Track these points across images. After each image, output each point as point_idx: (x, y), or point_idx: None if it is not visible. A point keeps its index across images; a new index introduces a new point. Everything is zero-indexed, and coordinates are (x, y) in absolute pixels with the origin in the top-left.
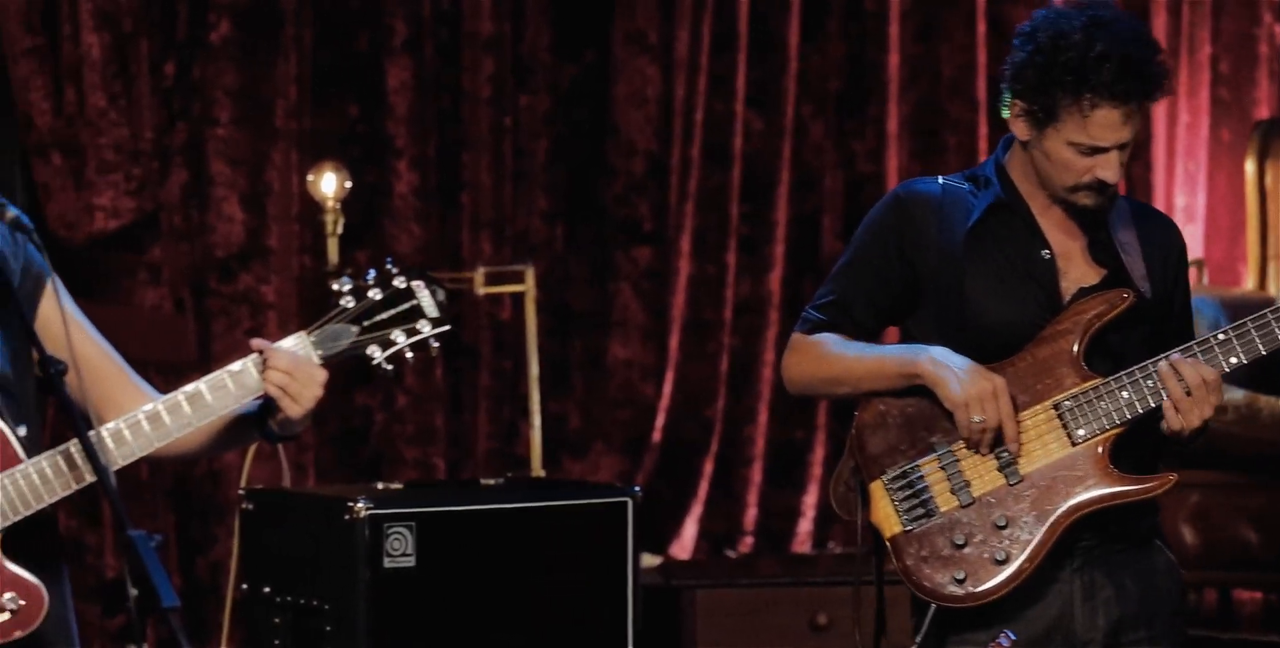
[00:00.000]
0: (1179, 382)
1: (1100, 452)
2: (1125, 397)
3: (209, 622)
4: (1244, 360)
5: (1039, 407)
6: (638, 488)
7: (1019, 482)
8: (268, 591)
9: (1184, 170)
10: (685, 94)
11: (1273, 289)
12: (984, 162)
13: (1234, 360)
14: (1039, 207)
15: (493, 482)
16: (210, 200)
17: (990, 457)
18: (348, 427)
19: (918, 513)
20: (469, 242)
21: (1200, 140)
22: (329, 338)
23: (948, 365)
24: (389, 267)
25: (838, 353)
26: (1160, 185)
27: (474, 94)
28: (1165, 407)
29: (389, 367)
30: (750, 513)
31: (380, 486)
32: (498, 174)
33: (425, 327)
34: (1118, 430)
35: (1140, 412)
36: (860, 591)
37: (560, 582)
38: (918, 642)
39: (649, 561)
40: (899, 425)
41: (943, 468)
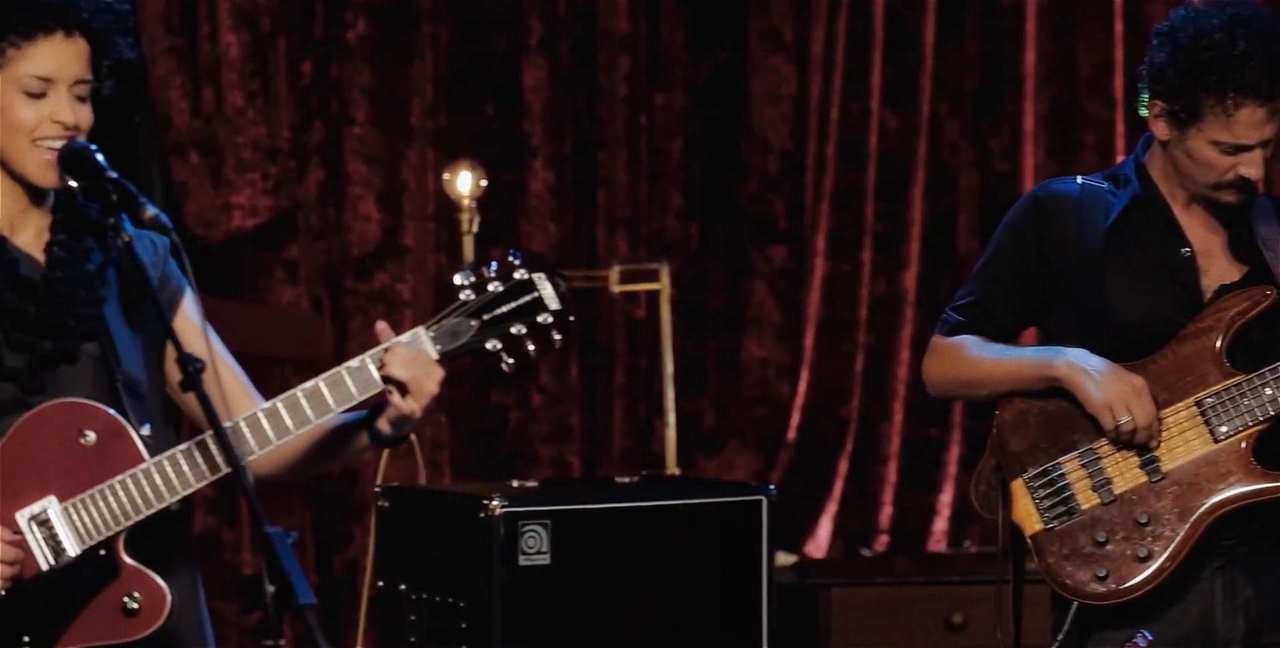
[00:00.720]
0: None
1: (1243, 448)
2: (1269, 394)
3: (345, 619)
4: None
5: (1181, 404)
6: (772, 486)
7: (1161, 479)
8: (403, 588)
9: None
10: (821, 92)
11: None
12: (1123, 161)
13: None
14: (1179, 204)
15: (627, 480)
16: (347, 199)
17: (1132, 454)
18: (483, 425)
19: (1059, 511)
20: (604, 240)
21: None
22: (448, 333)
23: (1085, 368)
24: (511, 259)
25: (976, 356)
26: None
27: (610, 92)
28: None
29: (510, 360)
30: (885, 511)
31: (515, 484)
32: (633, 172)
33: (546, 319)
34: (1261, 427)
35: None
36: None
37: (694, 580)
38: (1059, 640)
39: (784, 559)
40: (1040, 424)
41: (1084, 466)
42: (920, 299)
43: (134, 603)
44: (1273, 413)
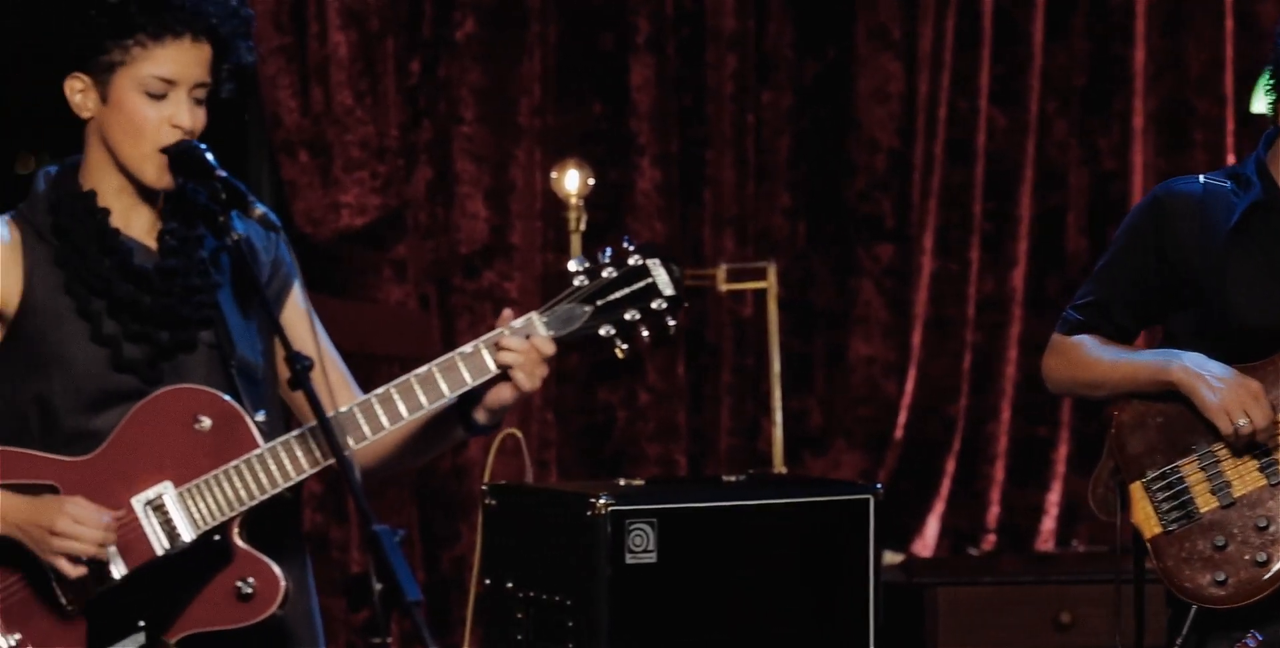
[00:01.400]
0: None
1: None
2: None
3: (452, 616)
4: None
5: None
6: (879, 485)
7: None
8: (510, 586)
9: None
10: (928, 90)
11: None
12: (1246, 159)
13: None
14: None
15: (734, 478)
16: (455, 198)
17: (1251, 457)
18: (590, 423)
19: (1177, 514)
20: (711, 239)
21: None
22: (561, 318)
23: (1201, 373)
24: (625, 245)
25: (1095, 358)
26: None
27: (717, 91)
28: None
29: (624, 346)
30: (993, 510)
31: (622, 482)
32: (740, 171)
33: (660, 305)
34: None
35: None
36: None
37: (801, 579)
38: (1178, 643)
39: (891, 558)
40: (1158, 426)
41: (1203, 469)
42: (1028, 298)
43: (248, 588)
44: None
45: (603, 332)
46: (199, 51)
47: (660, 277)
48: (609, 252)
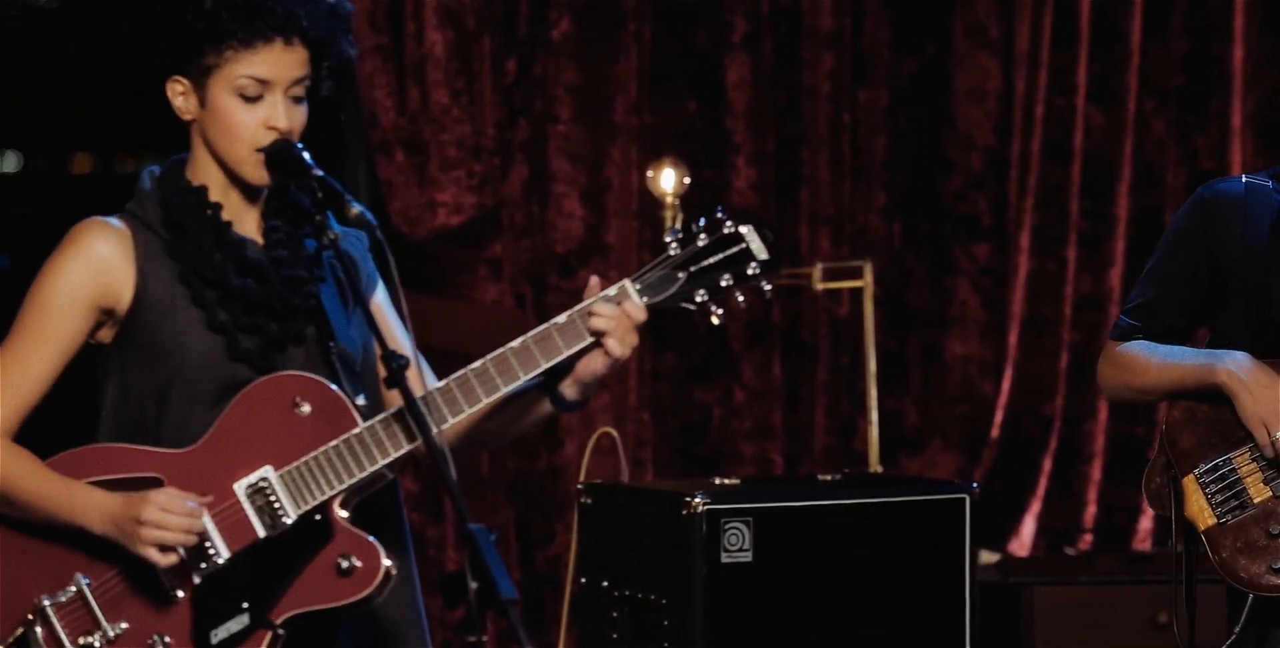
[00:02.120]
0: None
1: None
2: None
3: (548, 615)
4: None
5: None
6: (975, 485)
7: None
8: (606, 584)
9: None
10: (1025, 89)
11: None
12: None
13: None
14: None
15: (830, 478)
16: (551, 197)
17: None
18: (686, 422)
19: (1231, 505)
20: (807, 238)
21: None
22: (654, 285)
23: (1244, 380)
24: (719, 213)
25: (1144, 364)
26: None
27: (813, 90)
28: None
29: (719, 310)
30: (1090, 510)
31: (718, 481)
32: (836, 170)
33: (754, 269)
34: None
35: None
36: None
37: (897, 578)
38: (1235, 632)
39: (987, 557)
40: (1208, 421)
41: (1254, 459)
42: (1126, 298)
43: (348, 563)
44: None
45: (697, 297)
46: (293, 54)
47: (754, 242)
48: (704, 220)
